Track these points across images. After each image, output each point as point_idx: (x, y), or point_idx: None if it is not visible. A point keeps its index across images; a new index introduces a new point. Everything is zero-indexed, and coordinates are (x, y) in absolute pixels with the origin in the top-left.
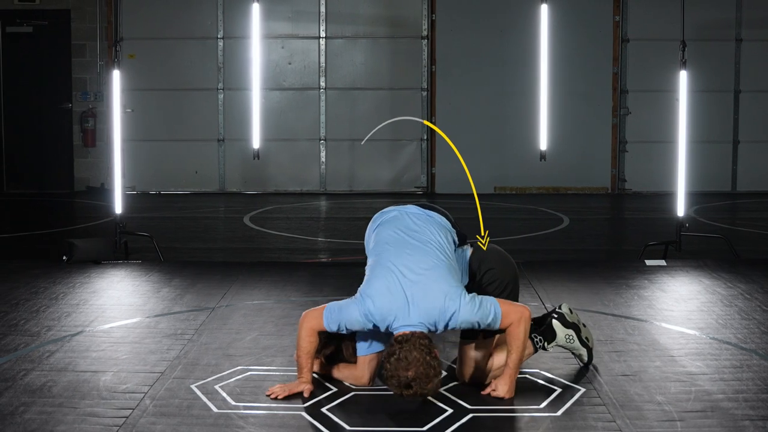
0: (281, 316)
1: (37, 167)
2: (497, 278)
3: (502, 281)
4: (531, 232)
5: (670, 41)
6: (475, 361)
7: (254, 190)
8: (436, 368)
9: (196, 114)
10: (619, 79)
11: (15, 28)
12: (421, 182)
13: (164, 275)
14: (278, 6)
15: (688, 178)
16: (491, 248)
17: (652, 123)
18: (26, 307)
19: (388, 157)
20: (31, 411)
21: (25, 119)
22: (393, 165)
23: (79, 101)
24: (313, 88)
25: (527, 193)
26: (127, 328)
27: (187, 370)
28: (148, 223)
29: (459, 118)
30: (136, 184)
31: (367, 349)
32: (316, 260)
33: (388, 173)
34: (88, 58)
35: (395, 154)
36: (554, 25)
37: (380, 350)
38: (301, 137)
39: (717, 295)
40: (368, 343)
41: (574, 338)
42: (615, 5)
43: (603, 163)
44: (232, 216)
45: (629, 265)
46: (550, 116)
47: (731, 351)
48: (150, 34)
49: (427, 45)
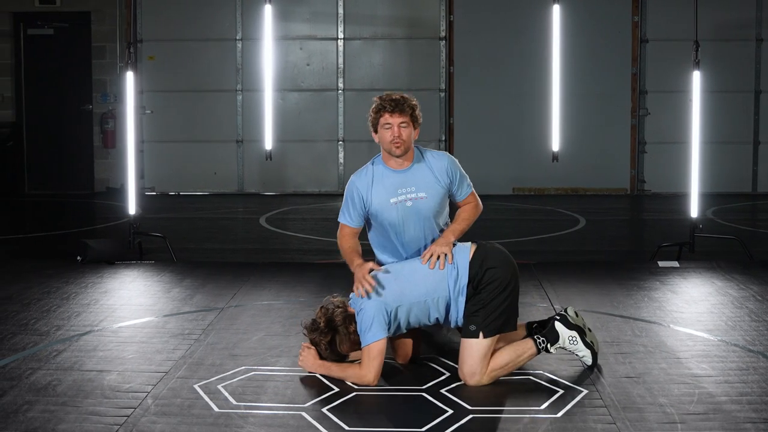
0: (289, 316)
1: (58, 168)
2: (498, 277)
3: (503, 280)
4: (546, 233)
5: (689, 41)
6: (476, 360)
7: (273, 191)
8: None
9: (215, 115)
10: (638, 80)
11: (36, 30)
12: None
13: (176, 275)
14: (296, 7)
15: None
16: (492, 247)
17: (672, 123)
18: (38, 307)
19: None
20: (34, 409)
21: (46, 121)
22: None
23: (99, 103)
24: (332, 89)
25: (546, 194)
26: (135, 327)
27: (191, 370)
28: (164, 224)
29: (477, 119)
30: (155, 185)
31: (370, 336)
32: (328, 261)
33: None
34: (107, 60)
35: None
36: (573, 25)
37: (383, 338)
38: (319, 138)
39: (728, 296)
40: (369, 326)
41: (577, 340)
42: (634, 5)
43: (622, 164)
44: (249, 217)
45: (641, 267)
46: (568, 117)
47: (738, 353)
48: (169, 35)
49: (445, 46)
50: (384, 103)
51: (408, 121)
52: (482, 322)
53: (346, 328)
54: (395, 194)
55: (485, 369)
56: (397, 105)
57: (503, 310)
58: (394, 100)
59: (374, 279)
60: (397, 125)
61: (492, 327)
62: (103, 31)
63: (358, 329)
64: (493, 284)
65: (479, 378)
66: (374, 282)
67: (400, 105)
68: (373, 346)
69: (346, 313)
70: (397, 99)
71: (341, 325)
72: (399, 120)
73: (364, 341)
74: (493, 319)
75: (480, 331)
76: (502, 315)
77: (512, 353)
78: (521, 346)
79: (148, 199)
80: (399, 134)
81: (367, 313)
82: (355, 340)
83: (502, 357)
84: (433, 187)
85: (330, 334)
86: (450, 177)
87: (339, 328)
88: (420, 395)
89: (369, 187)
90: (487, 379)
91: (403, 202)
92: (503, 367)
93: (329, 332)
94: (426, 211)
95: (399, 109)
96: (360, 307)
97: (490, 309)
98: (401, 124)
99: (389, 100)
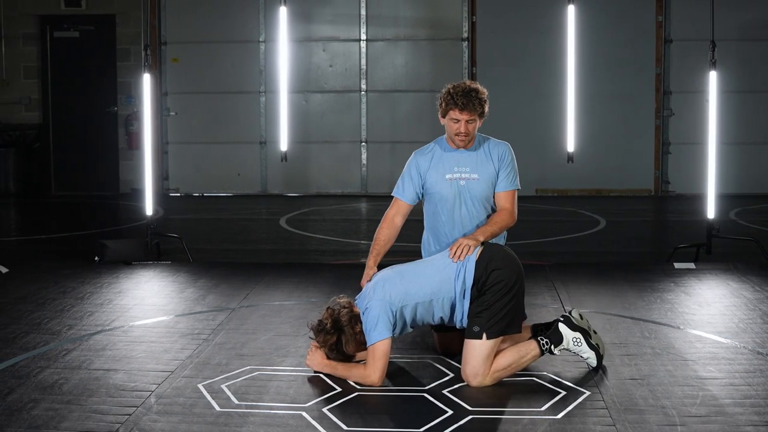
0: (299, 317)
1: (84, 170)
2: (502, 279)
3: (508, 282)
4: (565, 234)
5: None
6: (478, 361)
7: (296, 192)
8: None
9: (239, 117)
10: (662, 80)
11: (62, 33)
12: None
13: (191, 276)
14: (319, 9)
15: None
16: (498, 249)
17: (696, 124)
18: (52, 307)
19: None
20: (39, 407)
21: (72, 123)
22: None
23: (123, 105)
24: (354, 90)
25: (568, 195)
26: (146, 327)
27: (197, 369)
28: (184, 225)
29: (500, 120)
30: (179, 186)
31: (376, 335)
32: (341, 262)
33: None
34: (132, 62)
35: None
36: (596, 26)
37: (389, 337)
38: (342, 139)
39: (742, 298)
40: (375, 325)
41: (581, 342)
42: (658, 5)
43: (646, 164)
44: (269, 218)
45: (657, 268)
46: (592, 118)
47: (747, 356)
48: (193, 38)
49: (468, 47)
50: (455, 98)
51: (476, 117)
52: (486, 324)
53: (352, 329)
54: (451, 171)
55: (488, 370)
56: (467, 103)
57: (507, 312)
58: (465, 95)
59: (380, 279)
60: (465, 121)
61: (495, 329)
62: (127, 34)
63: (363, 329)
64: (497, 286)
65: (482, 379)
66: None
67: (471, 102)
68: (378, 345)
69: (352, 314)
70: (469, 94)
71: (347, 325)
72: (467, 117)
73: (369, 341)
74: (496, 321)
75: (483, 332)
76: (506, 317)
77: (515, 354)
78: (525, 347)
79: (172, 200)
80: (466, 130)
81: (372, 312)
82: (361, 340)
83: (504, 358)
84: (487, 170)
85: (336, 335)
86: (500, 162)
87: (345, 329)
88: (421, 396)
89: (428, 162)
90: (490, 380)
91: (457, 180)
92: (506, 369)
93: (335, 333)
94: (477, 192)
95: (469, 107)
96: (365, 306)
97: (493, 311)
98: (468, 121)
99: (461, 95)
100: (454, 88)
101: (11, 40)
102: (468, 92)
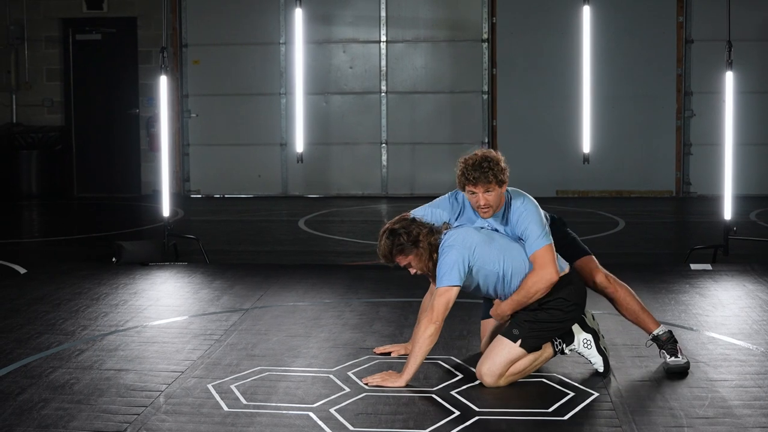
0: (312, 317)
1: (106, 171)
2: (563, 308)
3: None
4: (584, 235)
5: (735, 41)
6: (500, 361)
7: (316, 194)
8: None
9: (259, 118)
10: (683, 81)
11: (84, 35)
12: None
13: (206, 277)
14: (339, 11)
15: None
16: (578, 280)
17: (717, 125)
18: (67, 308)
19: (449, 161)
20: (49, 407)
21: (95, 125)
22: (454, 169)
23: (145, 106)
24: (374, 92)
25: (589, 196)
26: (159, 328)
27: (208, 370)
28: (204, 226)
29: (520, 121)
30: (201, 187)
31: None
32: (356, 263)
33: (450, 177)
34: (153, 65)
35: (456, 158)
36: (617, 26)
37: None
38: (362, 141)
39: (757, 300)
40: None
41: (591, 344)
42: (678, 6)
43: (667, 166)
44: (289, 219)
45: (673, 270)
46: (612, 119)
47: (758, 357)
48: (214, 40)
49: (488, 48)
50: (467, 174)
51: (493, 186)
52: (527, 333)
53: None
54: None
55: (504, 372)
56: (480, 176)
57: (549, 334)
58: (477, 168)
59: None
60: (482, 194)
61: (532, 342)
62: (149, 36)
63: (437, 267)
64: (556, 312)
65: (496, 379)
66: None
67: (484, 175)
68: (444, 290)
69: (432, 235)
70: (480, 166)
71: (423, 240)
72: (483, 189)
73: (439, 282)
74: (536, 337)
75: (520, 338)
76: (545, 338)
77: (531, 357)
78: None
79: (193, 202)
80: (485, 202)
81: (450, 256)
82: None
83: (521, 362)
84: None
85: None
86: (516, 228)
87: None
88: (429, 396)
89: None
90: (504, 382)
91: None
92: (521, 372)
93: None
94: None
95: (483, 180)
96: (449, 245)
97: (539, 327)
98: (486, 192)
99: (472, 169)
100: (466, 162)
101: (34, 42)
102: (480, 164)
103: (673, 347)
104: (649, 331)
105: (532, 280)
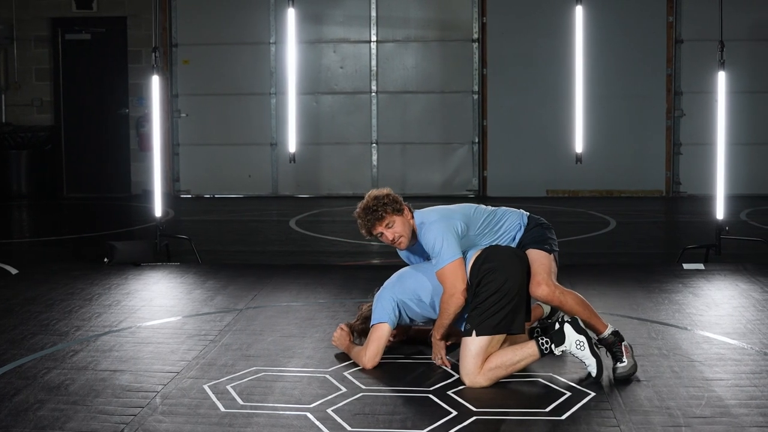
0: (306, 318)
1: (96, 171)
2: (494, 278)
3: (499, 281)
4: (575, 235)
5: (725, 41)
6: (468, 358)
7: (306, 194)
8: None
9: (250, 118)
10: (673, 81)
11: (74, 35)
12: (473, 185)
13: (199, 277)
14: (330, 11)
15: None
16: (497, 249)
17: (707, 125)
18: (60, 308)
19: (439, 161)
20: (45, 408)
21: (84, 124)
22: (444, 168)
23: (135, 106)
24: (365, 91)
25: (580, 196)
26: (153, 328)
27: (203, 370)
28: (195, 226)
29: (510, 121)
30: (191, 187)
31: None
32: (349, 263)
33: (440, 176)
34: (143, 64)
35: (447, 158)
36: (607, 26)
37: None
38: (353, 141)
39: (750, 299)
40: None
41: (584, 346)
42: (668, 6)
43: (657, 165)
44: (280, 219)
45: (666, 269)
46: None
47: (753, 356)
48: (204, 40)
49: (478, 48)
50: (364, 222)
51: (391, 219)
52: (476, 321)
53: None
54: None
55: (478, 368)
56: (374, 218)
57: (498, 309)
58: (368, 213)
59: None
60: (385, 230)
61: (485, 326)
62: (139, 36)
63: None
64: (489, 285)
65: (473, 378)
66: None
67: (377, 214)
68: (376, 327)
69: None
70: (370, 209)
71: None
72: (381, 227)
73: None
74: (486, 318)
75: (473, 329)
76: (497, 315)
77: (509, 353)
78: (521, 347)
79: (183, 202)
80: (392, 238)
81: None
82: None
83: (497, 357)
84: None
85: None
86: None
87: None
88: (426, 396)
89: None
90: (483, 380)
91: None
92: (499, 368)
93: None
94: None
95: (378, 218)
96: (378, 293)
97: (483, 308)
98: (387, 226)
99: (365, 216)
100: (359, 215)
101: (23, 42)
102: (369, 208)
103: (619, 349)
104: (598, 333)
105: (444, 299)
